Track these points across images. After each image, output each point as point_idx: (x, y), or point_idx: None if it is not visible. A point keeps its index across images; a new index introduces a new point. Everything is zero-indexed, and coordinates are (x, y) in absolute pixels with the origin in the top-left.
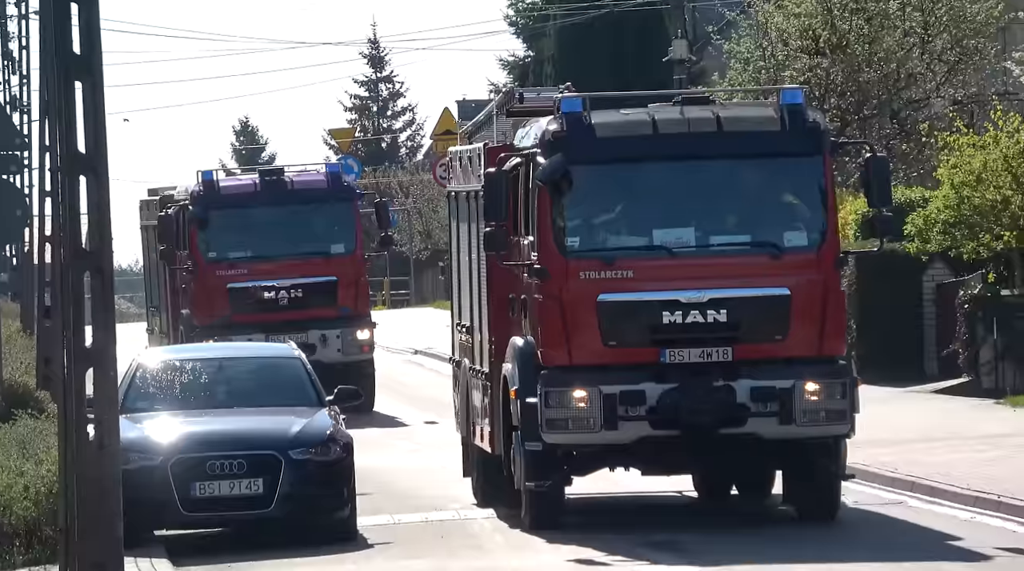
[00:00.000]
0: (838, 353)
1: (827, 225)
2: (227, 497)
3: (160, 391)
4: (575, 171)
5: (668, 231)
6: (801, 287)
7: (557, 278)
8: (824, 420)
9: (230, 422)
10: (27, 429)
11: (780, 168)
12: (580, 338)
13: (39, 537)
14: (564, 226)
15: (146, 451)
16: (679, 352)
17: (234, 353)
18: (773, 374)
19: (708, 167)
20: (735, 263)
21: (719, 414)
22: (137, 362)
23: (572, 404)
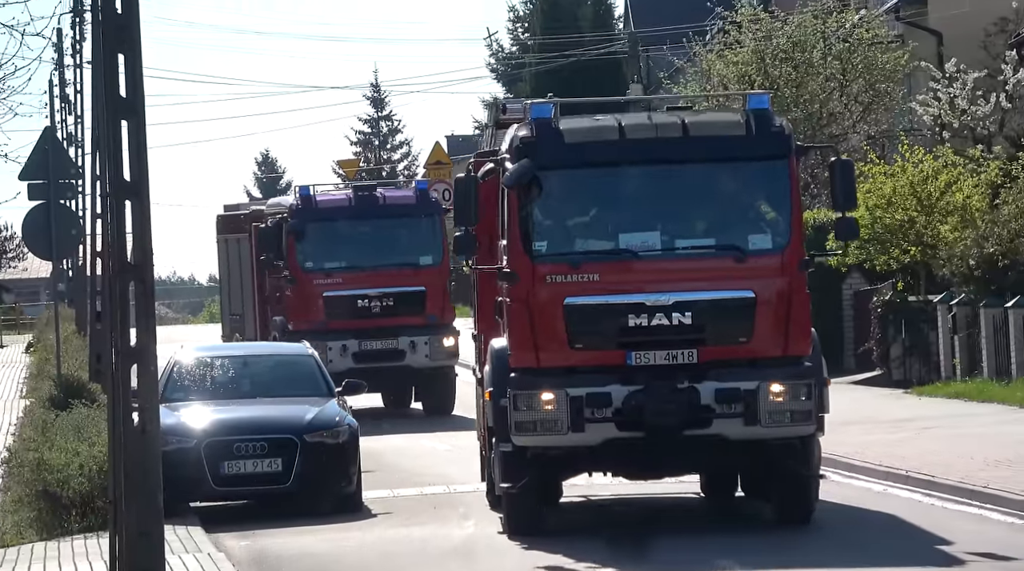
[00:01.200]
0: (803, 353)
1: (792, 228)
2: (251, 474)
3: (194, 383)
4: (543, 176)
5: (634, 235)
6: (765, 289)
7: (525, 281)
8: (789, 421)
9: (253, 410)
10: (81, 416)
11: (745, 172)
12: (548, 341)
13: (92, 508)
14: (532, 230)
15: (182, 435)
16: (645, 354)
17: (256, 351)
18: (738, 375)
19: (674, 171)
20: (700, 266)
21: (683, 416)
22: (174, 359)
23: (540, 406)
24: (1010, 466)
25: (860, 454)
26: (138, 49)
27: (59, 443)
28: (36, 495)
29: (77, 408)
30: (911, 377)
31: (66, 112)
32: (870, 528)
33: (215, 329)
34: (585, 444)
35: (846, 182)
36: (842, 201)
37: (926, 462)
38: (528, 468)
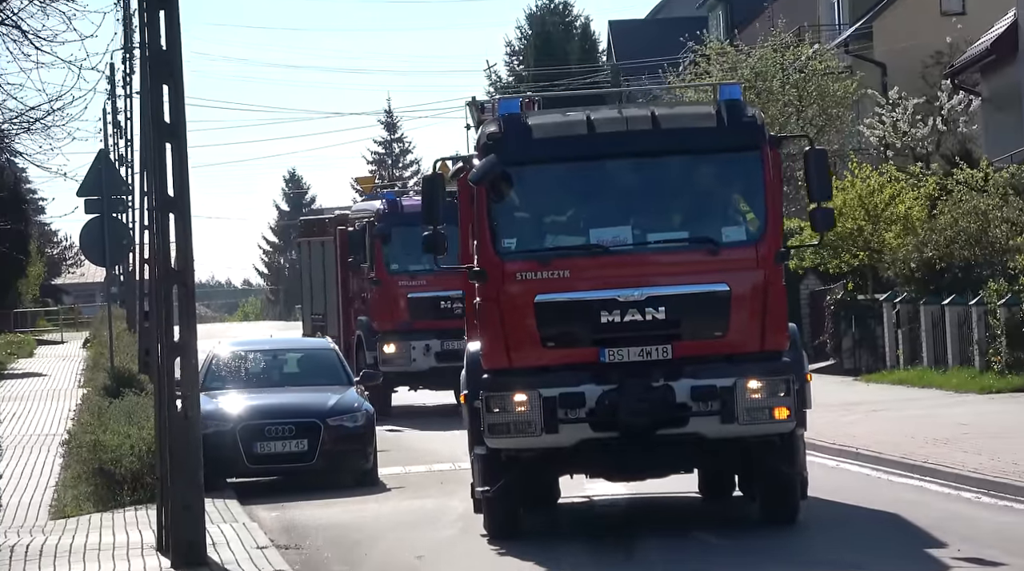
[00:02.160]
0: (780, 348)
1: (767, 219)
2: (280, 453)
3: (230, 374)
4: (511, 172)
5: (605, 230)
6: (740, 282)
7: (494, 280)
8: (767, 418)
9: (282, 397)
10: (131, 403)
11: (718, 164)
12: (519, 340)
13: (141, 484)
14: (500, 227)
15: (220, 420)
16: (618, 352)
17: (284, 346)
18: (714, 372)
19: (645, 165)
20: (673, 260)
21: (658, 415)
22: (213, 353)
23: (512, 408)
24: (946, 443)
25: (816, 434)
26: (180, 81)
27: (112, 427)
28: (92, 472)
29: (128, 396)
30: (860, 366)
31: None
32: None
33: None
34: (559, 445)
35: (820, 171)
36: (817, 191)
37: (874, 440)
38: (503, 471)
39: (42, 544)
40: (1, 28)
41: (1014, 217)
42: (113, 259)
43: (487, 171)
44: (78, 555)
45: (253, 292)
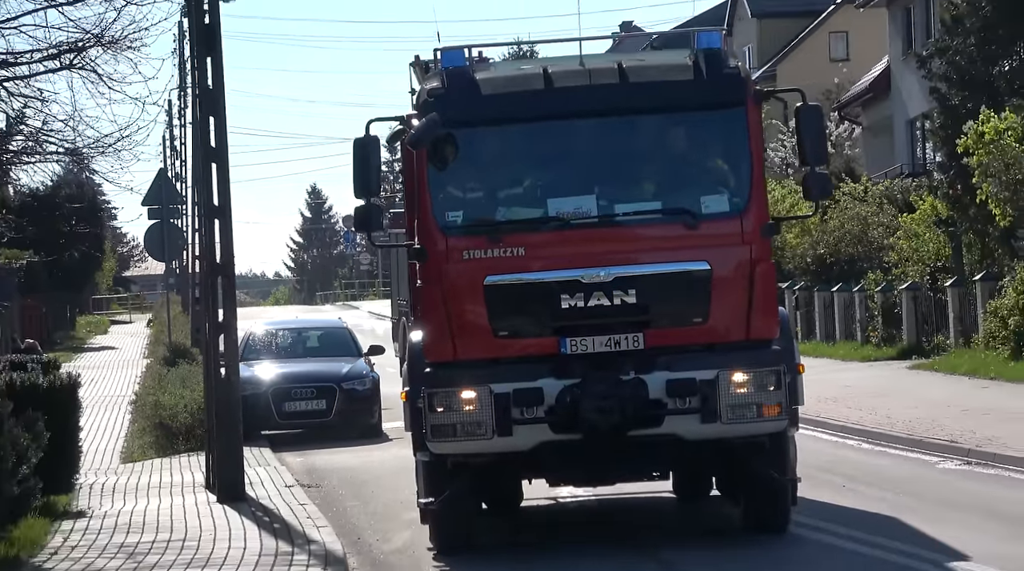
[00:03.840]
0: (769, 336)
1: (752, 187)
2: (304, 411)
3: (263, 348)
4: (457, 133)
5: (566, 200)
6: (722, 260)
7: (437, 259)
8: (755, 416)
9: (305, 366)
10: (185, 371)
11: (695, 123)
12: (466, 329)
13: (193, 435)
14: (443, 198)
15: (255, 384)
16: (581, 341)
17: (307, 325)
18: (693, 363)
19: (612, 125)
20: (645, 235)
21: (629, 413)
22: (250, 330)
23: (459, 407)
24: (835, 401)
25: None
26: (223, 113)
27: (170, 389)
28: (154, 426)
29: (182, 365)
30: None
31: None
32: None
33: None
34: (514, 450)
35: (814, 131)
36: (811, 153)
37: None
38: (449, 480)
39: (115, 483)
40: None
41: (887, 222)
42: (170, 256)
43: (427, 132)
44: (143, 491)
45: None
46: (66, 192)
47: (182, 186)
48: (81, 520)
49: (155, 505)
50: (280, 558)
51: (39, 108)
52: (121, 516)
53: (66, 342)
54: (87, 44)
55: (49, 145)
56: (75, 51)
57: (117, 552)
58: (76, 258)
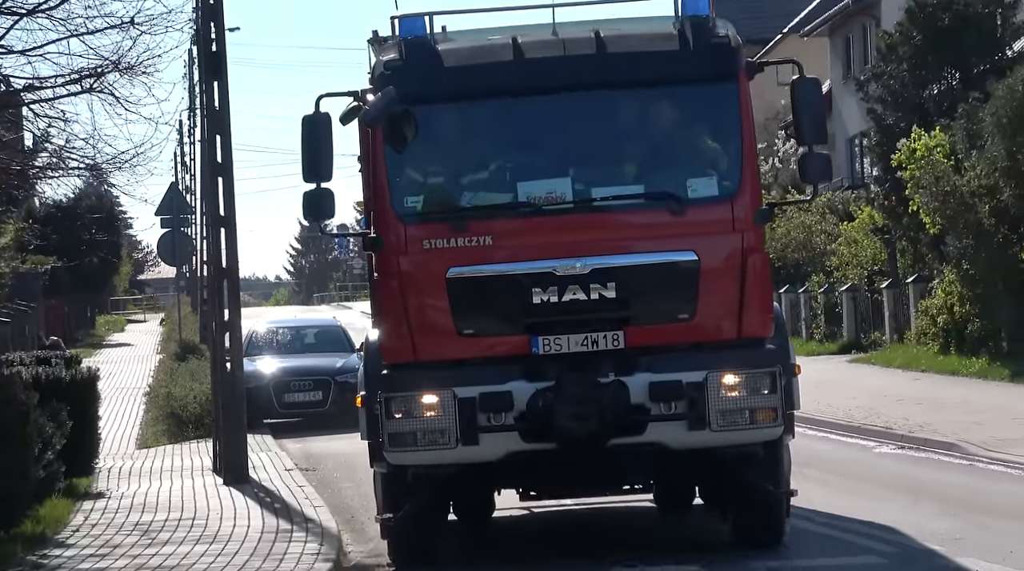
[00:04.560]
0: (763, 334)
1: (744, 169)
2: (302, 402)
3: (265, 344)
4: (416, 110)
5: (537, 183)
6: (712, 249)
7: (394, 249)
8: (748, 422)
9: (303, 360)
10: (194, 365)
11: (681, 98)
12: (427, 326)
13: (201, 423)
14: (402, 182)
15: (258, 377)
16: (555, 340)
17: (304, 323)
18: (678, 364)
19: (588, 100)
20: (625, 222)
21: (608, 419)
22: (252, 329)
23: (419, 413)
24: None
25: None
26: (228, 132)
27: (180, 382)
28: (166, 415)
29: (191, 360)
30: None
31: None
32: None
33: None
34: (481, 460)
35: (812, 107)
36: (809, 131)
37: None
38: (409, 494)
39: (131, 466)
40: (101, 96)
41: (830, 229)
42: (181, 261)
43: (383, 109)
44: (156, 474)
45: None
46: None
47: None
48: (100, 500)
49: (167, 487)
50: (280, 535)
51: (62, 128)
52: (136, 497)
53: (86, 339)
54: (106, 70)
55: (71, 161)
56: (95, 76)
57: (133, 529)
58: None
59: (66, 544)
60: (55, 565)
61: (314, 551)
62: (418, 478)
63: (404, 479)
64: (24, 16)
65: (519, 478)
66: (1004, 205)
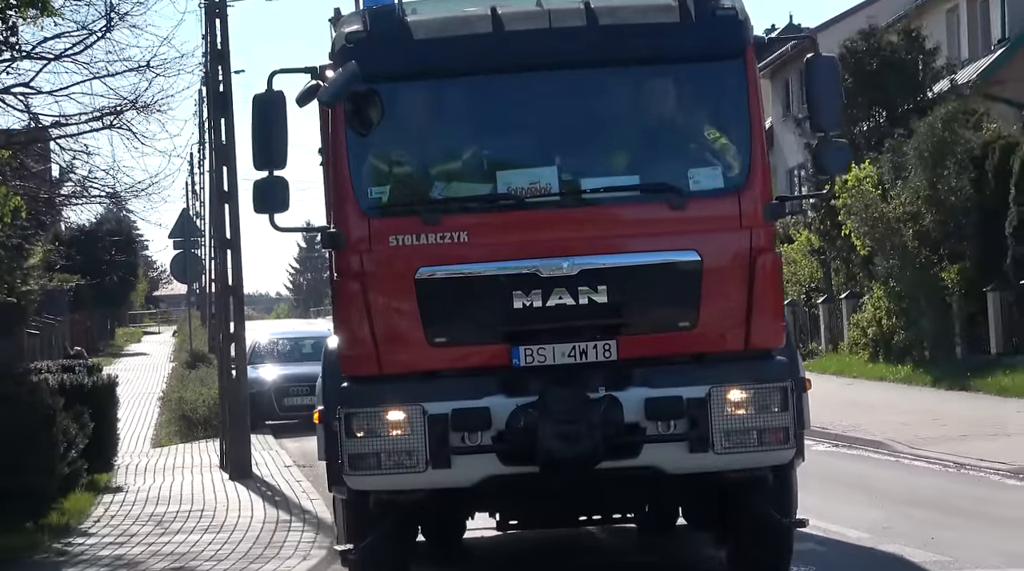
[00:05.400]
0: (774, 344)
1: (752, 158)
2: (300, 405)
3: (267, 353)
4: (382, 89)
5: (519, 172)
6: (716, 248)
7: (357, 246)
8: (756, 443)
9: (301, 368)
10: (203, 372)
11: (681, 77)
12: (393, 334)
13: (210, 424)
14: (366, 171)
15: (260, 383)
16: (539, 350)
17: (302, 334)
18: (678, 378)
19: (576, 79)
20: (618, 217)
21: (598, 440)
22: (255, 340)
23: (384, 431)
24: None
25: None
26: (234, 164)
27: (191, 387)
28: (178, 417)
29: (201, 368)
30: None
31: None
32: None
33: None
34: (454, 485)
35: (829, 88)
36: (825, 115)
37: None
38: (372, 524)
39: (146, 464)
40: (120, 131)
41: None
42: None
43: (344, 86)
44: (169, 471)
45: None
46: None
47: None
48: (119, 494)
49: (179, 482)
50: (280, 525)
51: (85, 160)
52: (151, 491)
53: (107, 349)
54: (124, 108)
55: (93, 190)
56: (115, 114)
57: (148, 520)
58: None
59: (88, 533)
60: (78, 552)
61: (310, 540)
62: (381, 505)
63: (364, 507)
64: (52, 60)
65: (496, 505)
66: (926, 229)
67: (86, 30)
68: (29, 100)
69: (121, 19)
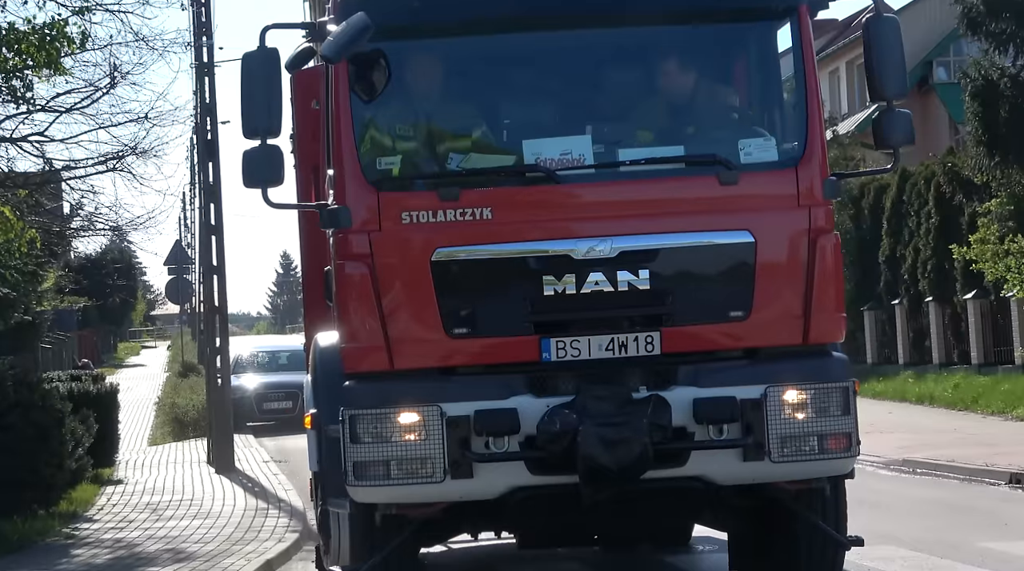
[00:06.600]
0: (835, 339)
1: (809, 128)
2: (277, 409)
3: (249, 364)
4: (392, 48)
5: (547, 142)
6: (772, 229)
7: (364, 223)
8: (816, 451)
9: (278, 377)
10: (193, 381)
11: (730, 36)
12: (407, 324)
13: (198, 426)
14: (374, 139)
15: (242, 390)
16: (572, 343)
17: (279, 348)
18: (729, 376)
19: (613, 36)
20: (662, 193)
21: (647, 446)
22: (238, 352)
23: (396, 436)
24: None
25: None
26: (220, 201)
27: (182, 394)
28: (171, 420)
29: (191, 377)
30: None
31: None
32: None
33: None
34: (476, 498)
35: (891, 52)
36: (888, 83)
37: None
38: (379, 540)
39: (143, 460)
40: (122, 174)
41: None
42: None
43: (352, 39)
44: (163, 465)
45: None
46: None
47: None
48: (120, 486)
49: (171, 475)
50: (259, 512)
51: (92, 198)
52: (147, 483)
53: (110, 361)
54: (125, 154)
55: (99, 224)
56: (117, 158)
57: (144, 508)
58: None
59: (93, 519)
60: (84, 535)
61: (285, 524)
62: (388, 520)
63: (370, 522)
64: (63, 113)
65: (520, 521)
66: None
67: (93, 87)
68: (44, 147)
69: (123, 77)
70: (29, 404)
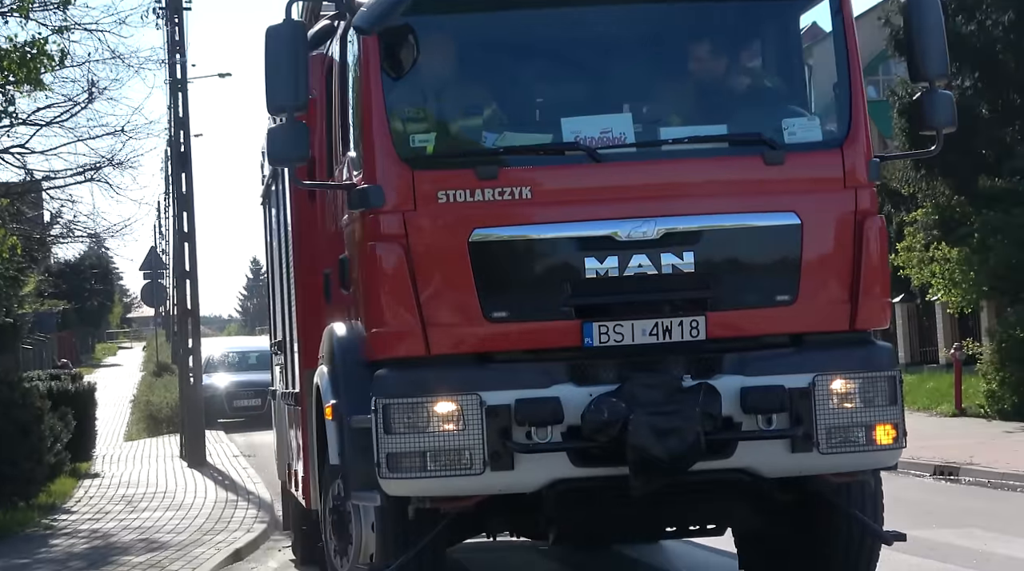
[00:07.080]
0: (881, 325)
1: (853, 108)
2: (246, 406)
3: (221, 364)
4: (425, 20)
5: (586, 120)
6: (818, 210)
7: (398, 203)
8: (864, 442)
9: (248, 376)
10: (167, 380)
11: (772, 13)
12: (443, 308)
13: (172, 422)
14: (406, 114)
15: (214, 388)
16: (615, 328)
17: (249, 348)
18: (776, 364)
19: (654, 11)
20: (706, 174)
21: (699, 436)
22: (210, 353)
23: (432, 426)
24: None
25: None
26: (192, 210)
27: (157, 392)
28: (146, 417)
29: (165, 376)
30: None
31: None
32: None
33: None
34: (516, 491)
35: (933, 31)
36: (930, 63)
37: None
38: (410, 536)
39: (119, 454)
40: (100, 184)
41: None
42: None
43: (389, 10)
44: (138, 460)
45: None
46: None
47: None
48: (97, 479)
49: (146, 469)
50: (229, 503)
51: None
52: (123, 476)
53: (88, 361)
54: (103, 165)
55: (77, 231)
56: (95, 169)
57: (120, 500)
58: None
59: (71, 511)
60: (62, 526)
61: (253, 515)
62: (422, 515)
63: (402, 517)
64: (43, 126)
65: (562, 515)
66: None
67: (72, 101)
68: (25, 158)
69: (100, 93)
70: (10, 402)
